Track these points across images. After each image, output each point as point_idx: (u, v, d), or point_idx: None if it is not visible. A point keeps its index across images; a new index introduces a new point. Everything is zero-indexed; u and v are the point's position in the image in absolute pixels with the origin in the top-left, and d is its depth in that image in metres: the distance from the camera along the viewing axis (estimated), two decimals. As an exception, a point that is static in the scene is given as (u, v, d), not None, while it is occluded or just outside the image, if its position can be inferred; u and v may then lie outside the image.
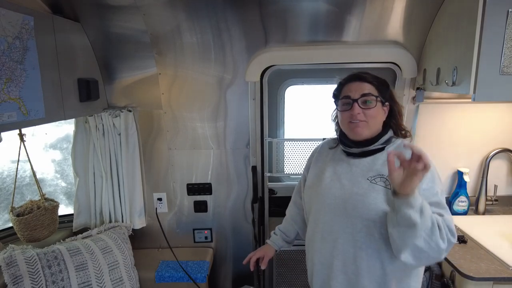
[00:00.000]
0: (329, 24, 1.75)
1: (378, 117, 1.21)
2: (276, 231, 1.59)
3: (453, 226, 1.09)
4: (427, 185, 1.12)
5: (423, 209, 1.00)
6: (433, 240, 1.03)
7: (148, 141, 2.05)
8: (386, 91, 1.25)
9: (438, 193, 1.12)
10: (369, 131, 1.20)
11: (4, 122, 1.15)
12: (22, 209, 1.61)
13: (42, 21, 1.37)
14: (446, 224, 1.07)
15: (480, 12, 1.25)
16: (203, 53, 1.84)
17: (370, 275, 1.17)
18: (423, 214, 1.00)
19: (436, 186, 1.13)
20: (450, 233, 1.07)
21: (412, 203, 0.99)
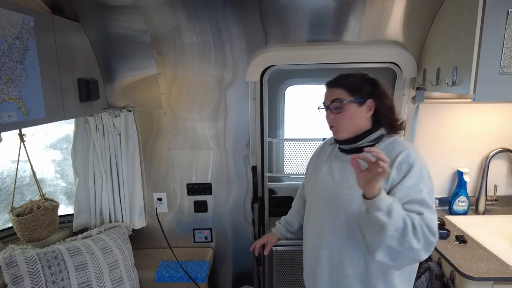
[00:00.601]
0: (329, 24, 1.75)
1: (354, 118, 1.25)
2: (280, 220, 1.67)
3: (433, 225, 1.08)
4: (411, 182, 1.12)
5: (392, 210, 1.03)
6: (406, 241, 1.04)
7: (148, 141, 2.05)
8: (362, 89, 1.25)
9: (423, 191, 1.12)
10: (346, 133, 1.26)
11: (4, 122, 1.15)
12: (22, 209, 1.61)
13: (42, 21, 1.37)
14: (425, 223, 1.06)
15: (480, 12, 1.25)
16: (203, 53, 1.84)
17: (354, 266, 1.22)
18: (391, 216, 1.03)
19: (422, 184, 1.13)
20: (429, 232, 1.06)
21: (379, 205, 1.03)
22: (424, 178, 1.14)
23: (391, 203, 1.04)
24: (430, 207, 1.12)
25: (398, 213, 1.04)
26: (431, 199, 1.14)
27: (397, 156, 1.15)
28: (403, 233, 1.04)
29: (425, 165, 1.17)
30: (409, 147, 1.20)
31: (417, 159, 1.16)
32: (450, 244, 1.67)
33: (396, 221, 1.03)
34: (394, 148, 1.19)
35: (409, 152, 1.16)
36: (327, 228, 1.28)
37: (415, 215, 1.07)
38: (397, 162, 1.14)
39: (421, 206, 1.11)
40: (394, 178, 1.14)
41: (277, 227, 1.66)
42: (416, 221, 1.05)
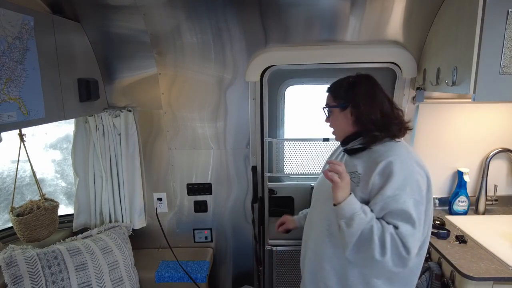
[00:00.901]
0: (329, 24, 1.75)
1: (338, 123, 1.30)
2: (302, 211, 1.74)
3: (409, 240, 1.06)
4: (393, 192, 1.10)
5: (353, 221, 1.10)
6: (368, 251, 1.09)
7: (148, 141, 2.05)
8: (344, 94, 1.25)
9: (405, 202, 1.09)
10: (337, 136, 1.35)
11: (4, 122, 1.15)
12: (22, 209, 1.61)
13: (42, 21, 1.37)
14: (399, 237, 1.07)
15: (480, 12, 1.25)
16: (203, 53, 1.84)
17: (331, 261, 1.28)
18: (351, 226, 1.10)
19: (405, 195, 1.10)
20: (402, 246, 1.06)
21: (341, 213, 1.13)
22: (409, 189, 1.11)
23: (355, 213, 1.10)
24: (411, 220, 1.09)
25: (360, 224, 1.09)
26: (416, 211, 1.10)
27: (381, 162, 1.14)
28: (366, 243, 1.09)
29: (414, 174, 1.13)
30: (398, 154, 1.15)
31: (403, 168, 1.12)
32: (450, 244, 1.67)
33: (356, 230, 1.09)
34: (383, 153, 1.17)
35: (393, 160, 1.13)
36: (315, 223, 1.37)
37: (389, 227, 1.08)
38: (379, 169, 1.14)
39: (400, 218, 1.09)
40: (375, 185, 1.14)
41: (297, 216, 1.73)
42: (387, 233, 1.07)
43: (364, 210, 1.11)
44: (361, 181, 1.19)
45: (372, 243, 1.07)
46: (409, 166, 1.14)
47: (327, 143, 2.06)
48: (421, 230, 1.12)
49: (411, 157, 1.18)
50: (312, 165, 2.12)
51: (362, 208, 1.11)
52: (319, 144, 2.07)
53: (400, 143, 1.23)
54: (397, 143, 1.23)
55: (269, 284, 2.26)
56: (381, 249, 1.07)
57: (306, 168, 2.14)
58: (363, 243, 1.10)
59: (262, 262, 2.18)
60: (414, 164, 1.16)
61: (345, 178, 1.12)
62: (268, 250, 2.19)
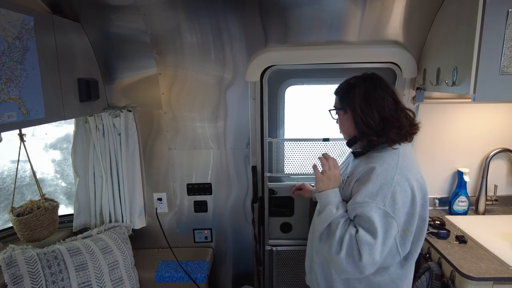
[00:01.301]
0: (329, 24, 1.75)
1: (342, 125, 1.33)
2: None
3: (363, 248, 1.06)
4: (362, 199, 1.10)
5: (323, 211, 1.19)
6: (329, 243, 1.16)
7: (148, 141, 2.05)
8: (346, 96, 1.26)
9: (371, 211, 1.07)
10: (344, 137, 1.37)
11: (4, 122, 1.15)
12: (22, 209, 1.61)
13: (42, 21, 1.37)
14: (356, 241, 1.09)
15: (480, 12, 1.25)
16: (203, 53, 1.84)
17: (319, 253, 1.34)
18: (320, 214, 1.20)
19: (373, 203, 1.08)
20: (356, 250, 1.08)
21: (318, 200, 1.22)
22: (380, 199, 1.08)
23: (327, 207, 1.16)
24: (373, 230, 1.07)
25: (326, 216, 1.16)
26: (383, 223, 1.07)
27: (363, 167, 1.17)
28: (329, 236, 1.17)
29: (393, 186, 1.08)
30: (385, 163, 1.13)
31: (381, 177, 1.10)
32: (450, 244, 1.67)
33: (323, 221, 1.17)
34: (371, 161, 1.17)
35: (375, 167, 1.12)
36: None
37: (352, 229, 1.12)
38: (360, 174, 1.18)
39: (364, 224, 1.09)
40: (354, 188, 1.19)
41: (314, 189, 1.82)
42: (347, 233, 1.11)
43: (338, 206, 1.17)
44: (345, 183, 1.25)
45: (333, 238, 1.13)
46: (389, 176, 1.10)
47: (327, 143, 2.06)
48: (385, 243, 1.08)
49: (398, 167, 1.12)
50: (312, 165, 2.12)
51: (337, 204, 1.17)
52: (319, 144, 2.07)
53: (396, 151, 1.18)
54: (393, 150, 1.18)
55: (269, 284, 2.26)
56: (338, 246, 1.12)
57: (306, 168, 2.14)
58: (328, 236, 1.17)
59: (262, 262, 2.19)
60: (398, 175, 1.10)
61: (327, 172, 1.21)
62: (268, 250, 2.19)
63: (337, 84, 1.36)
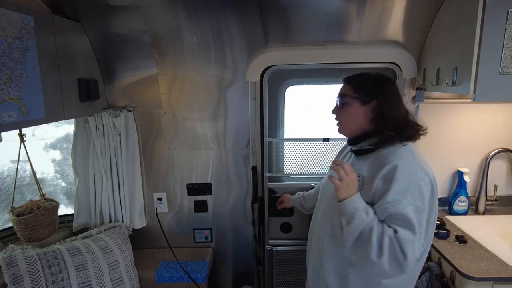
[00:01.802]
0: (329, 24, 1.75)
1: (352, 117, 1.27)
2: (300, 193, 1.88)
3: (406, 246, 1.06)
4: (393, 197, 1.09)
5: (353, 219, 1.11)
6: (364, 251, 1.09)
7: (148, 141, 2.05)
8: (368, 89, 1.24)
9: (405, 208, 1.08)
10: (345, 130, 1.32)
11: (4, 122, 1.15)
12: (22, 209, 1.61)
13: (42, 21, 1.37)
14: (398, 241, 1.06)
15: (480, 12, 1.25)
16: (203, 53, 1.84)
17: (332, 260, 1.30)
18: (350, 224, 1.11)
19: (405, 200, 1.09)
20: (400, 251, 1.06)
21: (343, 210, 1.14)
22: (410, 195, 1.09)
23: (356, 213, 1.10)
24: (411, 226, 1.08)
25: (359, 223, 1.10)
26: (417, 218, 1.09)
27: (385, 166, 1.14)
28: (364, 243, 1.10)
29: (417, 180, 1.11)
30: (403, 159, 1.14)
31: (406, 174, 1.11)
32: (450, 244, 1.67)
33: (355, 230, 1.10)
34: (386, 159, 1.16)
35: (397, 164, 1.12)
36: (317, 222, 1.41)
37: (390, 231, 1.08)
38: (383, 173, 1.14)
39: (400, 223, 1.09)
40: (378, 189, 1.15)
41: (294, 197, 1.88)
42: (386, 236, 1.07)
43: (367, 210, 1.11)
44: (364, 185, 1.19)
45: (370, 243, 1.07)
46: (412, 172, 1.12)
47: (327, 143, 2.06)
48: (421, 238, 1.10)
49: (416, 163, 1.16)
50: (312, 165, 2.12)
51: (365, 208, 1.11)
52: (319, 144, 2.07)
53: (407, 147, 1.20)
54: (404, 147, 1.20)
55: (269, 284, 2.26)
56: (378, 250, 1.07)
57: (306, 168, 2.14)
58: (362, 243, 1.11)
59: (262, 262, 2.19)
60: (419, 170, 1.14)
61: (345, 179, 1.12)
62: (268, 250, 2.19)
63: (337, 84, 1.37)
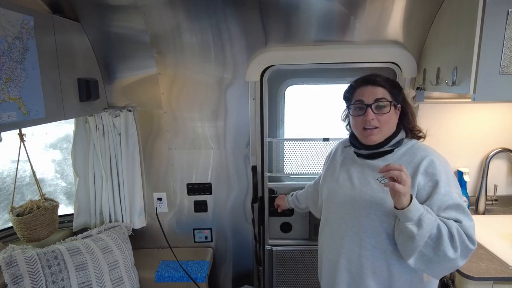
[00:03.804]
0: (329, 24, 1.75)
1: (391, 121, 1.21)
2: (293, 193, 1.88)
3: (472, 233, 1.08)
4: (445, 189, 1.10)
5: (422, 221, 1.02)
6: (441, 250, 1.04)
7: (148, 141, 2.05)
8: (398, 93, 1.24)
9: (456, 197, 1.10)
10: (382, 136, 1.21)
11: (4, 122, 1.15)
12: (22, 209, 1.61)
13: (42, 21, 1.37)
14: (464, 230, 1.07)
15: (480, 12, 1.25)
16: (203, 53, 1.84)
17: (376, 276, 1.18)
18: (421, 227, 1.02)
19: (452, 189, 1.11)
20: (468, 239, 1.07)
21: (408, 216, 1.02)
22: (453, 182, 1.14)
23: (422, 214, 1.03)
24: (467, 213, 1.11)
25: (429, 224, 1.03)
26: (462, 202, 1.12)
27: (421, 162, 1.14)
28: (438, 243, 1.04)
29: (450, 168, 1.17)
30: (431, 152, 1.19)
31: (443, 164, 1.15)
32: (450, 244, 1.67)
33: (426, 232, 1.03)
34: (416, 153, 1.18)
35: (433, 158, 1.15)
36: (346, 236, 1.23)
37: (453, 223, 1.07)
38: (422, 168, 1.13)
39: (459, 212, 1.10)
40: (422, 184, 1.12)
41: (288, 197, 1.88)
42: (454, 229, 1.05)
43: (427, 209, 1.06)
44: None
45: (442, 242, 1.03)
46: (446, 163, 1.19)
47: (327, 143, 2.06)
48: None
49: (438, 153, 1.21)
50: (312, 165, 2.12)
51: (424, 207, 1.06)
52: (319, 144, 2.07)
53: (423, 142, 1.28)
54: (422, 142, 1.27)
55: (269, 284, 2.26)
56: (452, 246, 1.05)
57: (306, 168, 2.13)
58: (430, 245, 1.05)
59: (262, 262, 2.19)
60: (444, 159, 1.20)
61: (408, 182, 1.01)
62: (268, 250, 2.19)
63: (337, 84, 1.36)
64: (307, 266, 2.17)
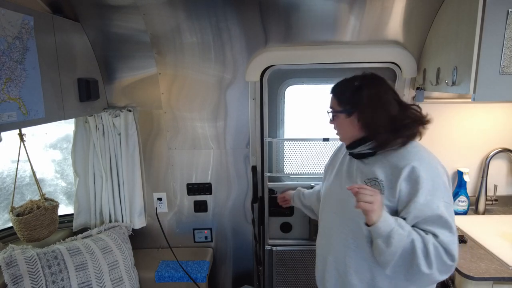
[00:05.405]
0: (329, 24, 1.75)
1: (344, 127, 1.25)
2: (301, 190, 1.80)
3: (452, 248, 1.03)
4: (425, 198, 1.05)
5: (392, 238, 1.02)
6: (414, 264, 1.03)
7: (148, 141, 2.05)
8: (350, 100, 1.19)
9: (439, 207, 1.05)
10: (343, 139, 1.30)
11: (4, 122, 1.15)
12: (22, 209, 1.61)
13: (42, 21, 1.37)
14: (442, 246, 1.03)
15: (480, 12, 1.25)
16: (203, 53, 1.84)
17: (359, 275, 1.20)
18: (390, 244, 1.03)
19: (436, 199, 1.06)
20: (446, 255, 1.03)
21: (377, 232, 1.04)
22: (439, 192, 1.07)
23: (392, 230, 1.02)
24: (448, 226, 1.05)
25: (400, 241, 1.02)
26: (449, 214, 1.06)
27: (404, 167, 1.09)
28: (411, 258, 1.03)
29: (441, 176, 1.10)
30: (420, 157, 1.11)
31: (428, 171, 1.08)
32: (450, 244, 1.67)
33: (396, 248, 1.03)
34: (404, 157, 1.12)
35: (416, 164, 1.08)
36: (334, 235, 1.27)
37: (430, 237, 1.04)
38: (405, 174, 1.09)
39: (437, 225, 1.05)
40: (403, 191, 1.09)
41: (295, 193, 1.81)
42: (430, 244, 1.02)
43: (400, 224, 1.05)
44: (385, 189, 1.13)
45: (415, 257, 1.02)
46: (434, 169, 1.10)
47: (327, 143, 2.06)
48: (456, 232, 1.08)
49: (432, 158, 1.14)
50: (312, 165, 2.12)
51: (397, 222, 1.05)
52: (319, 144, 2.07)
53: (418, 144, 1.19)
54: (415, 144, 1.18)
55: (269, 284, 2.26)
56: (426, 262, 1.02)
57: (306, 168, 2.14)
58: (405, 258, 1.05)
59: (262, 262, 2.19)
60: (438, 165, 1.12)
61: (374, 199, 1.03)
62: (268, 250, 2.19)
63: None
64: (307, 266, 2.17)
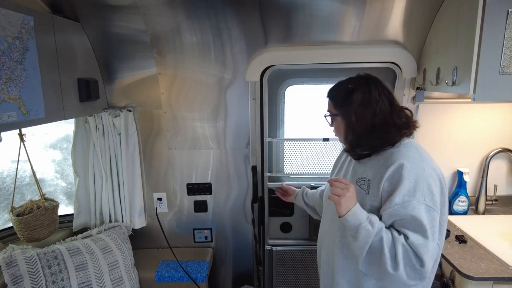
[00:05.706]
0: (329, 24, 1.75)
1: (342, 130, 1.26)
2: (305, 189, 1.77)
3: (421, 251, 1.00)
4: (402, 199, 1.04)
5: (358, 233, 1.05)
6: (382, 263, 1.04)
7: (148, 141, 2.05)
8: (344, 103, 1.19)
9: (415, 209, 1.03)
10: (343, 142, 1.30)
11: (4, 122, 1.15)
12: (22, 209, 1.61)
13: (42, 21, 1.37)
14: (411, 248, 1.01)
15: (480, 12, 1.25)
16: (203, 53, 1.84)
17: (344, 273, 1.24)
18: (356, 239, 1.06)
19: (415, 200, 1.03)
20: (415, 258, 1.01)
21: (346, 225, 1.09)
22: (419, 193, 1.04)
23: (360, 225, 1.04)
24: (423, 229, 1.02)
25: (366, 237, 1.04)
26: (428, 218, 1.03)
27: (389, 167, 1.09)
28: (379, 256, 1.04)
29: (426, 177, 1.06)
30: (409, 157, 1.09)
31: (412, 171, 1.05)
32: (450, 244, 1.67)
33: (363, 244, 1.05)
34: (392, 157, 1.11)
35: (402, 163, 1.07)
36: (325, 234, 1.34)
37: (401, 238, 1.03)
38: (389, 173, 1.08)
39: (410, 226, 1.03)
40: (385, 190, 1.09)
41: (299, 191, 1.78)
42: (399, 245, 1.01)
43: (371, 220, 1.05)
44: (371, 188, 1.14)
45: (383, 256, 1.02)
46: (420, 169, 1.07)
47: (327, 143, 2.06)
48: (435, 238, 1.04)
49: (422, 159, 1.10)
50: (312, 165, 2.12)
51: (368, 218, 1.06)
52: (319, 144, 2.07)
53: (410, 143, 1.17)
54: (407, 143, 1.16)
55: (269, 284, 2.26)
56: (392, 262, 1.02)
57: (306, 168, 2.14)
58: (375, 257, 1.05)
59: (262, 262, 2.19)
60: (426, 166, 1.09)
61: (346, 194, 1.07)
62: (268, 250, 2.19)
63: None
64: (307, 266, 2.18)
